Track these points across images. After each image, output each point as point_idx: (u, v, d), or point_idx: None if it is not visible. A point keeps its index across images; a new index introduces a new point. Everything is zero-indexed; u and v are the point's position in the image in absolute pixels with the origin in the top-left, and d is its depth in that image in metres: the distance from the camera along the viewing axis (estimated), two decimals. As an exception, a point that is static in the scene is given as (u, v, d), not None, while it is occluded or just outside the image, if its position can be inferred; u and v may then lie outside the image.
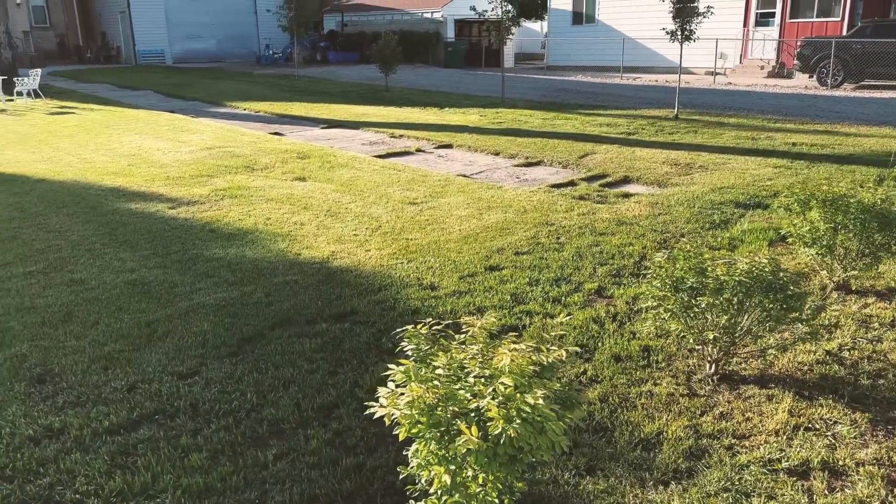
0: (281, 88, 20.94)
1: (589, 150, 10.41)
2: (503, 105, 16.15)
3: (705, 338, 3.59)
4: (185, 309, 4.73)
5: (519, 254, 5.81)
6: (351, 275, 5.42)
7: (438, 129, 12.90)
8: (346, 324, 4.54)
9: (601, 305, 4.78)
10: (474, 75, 26.83)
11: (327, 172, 9.04)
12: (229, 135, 12.17)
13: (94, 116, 14.63)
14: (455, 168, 9.57)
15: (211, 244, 6.14)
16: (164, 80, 23.21)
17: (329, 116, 14.74)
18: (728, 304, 3.45)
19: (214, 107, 16.75)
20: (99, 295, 4.95)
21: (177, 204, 7.43)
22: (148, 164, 9.51)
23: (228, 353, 4.11)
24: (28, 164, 9.50)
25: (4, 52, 20.00)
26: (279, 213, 7.14)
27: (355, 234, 6.42)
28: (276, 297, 4.94)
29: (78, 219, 6.86)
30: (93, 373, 3.86)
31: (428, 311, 4.70)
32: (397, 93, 19.25)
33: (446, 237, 6.29)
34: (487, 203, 7.43)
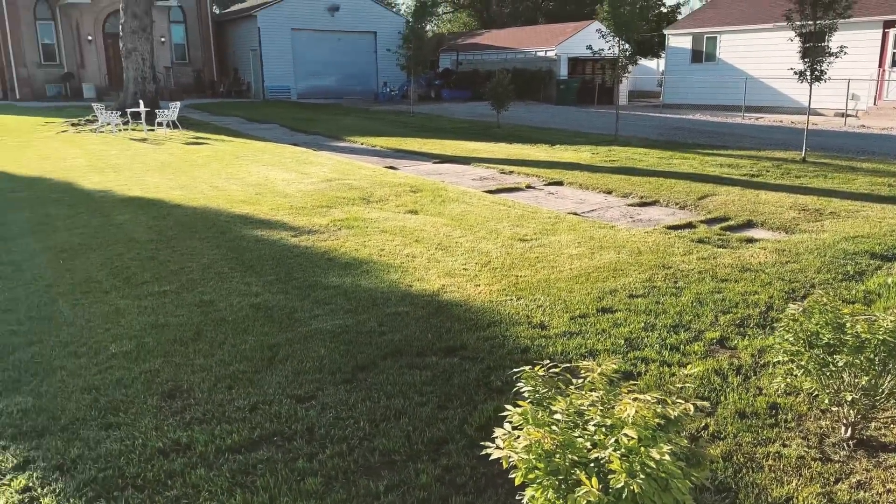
0: (396, 124, 21.64)
1: (708, 191, 10.03)
2: (616, 143, 15.91)
3: (842, 399, 3.32)
4: (303, 334, 4.91)
5: (633, 297, 5.64)
6: (460, 309, 5.45)
7: (549, 165, 12.87)
8: (456, 358, 4.55)
9: (724, 357, 4.54)
10: (586, 112, 26.67)
11: (438, 206, 9.20)
12: (347, 168, 12.67)
13: (226, 147, 15.66)
14: (566, 206, 9.48)
15: (329, 272, 6.37)
16: (289, 114, 24.57)
17: (441, 151, 15.06)
18: (869, 364, 3.18)
19: (334, 140, 17.52)
20: (226, 316, 5.23)
21: (298, 232, 7.78)
22: (273, 193, 10.04)
23: (343, 380, 4.22)
24: (166, 190, 10.27)
25: (149, 86, 21.89)
26: (392, 244, 7.32)
27: (465, 269, 6.46)
28: (389, 328, 5.04)
29: (209, 243, 7.32)
30: (218, 391, 4.06)
31: (538, 350, 4.64)
32: (508, 129, 19.42)
33: (556, 275, 6.21)
34: (599, 242, 7.30)
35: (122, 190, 10.25)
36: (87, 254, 6.87)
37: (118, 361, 4.44)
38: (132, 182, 10.91)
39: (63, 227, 7.94)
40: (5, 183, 10.98)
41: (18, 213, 8.70)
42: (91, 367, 4.38)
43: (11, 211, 8.84)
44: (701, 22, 28.67)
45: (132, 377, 4.22)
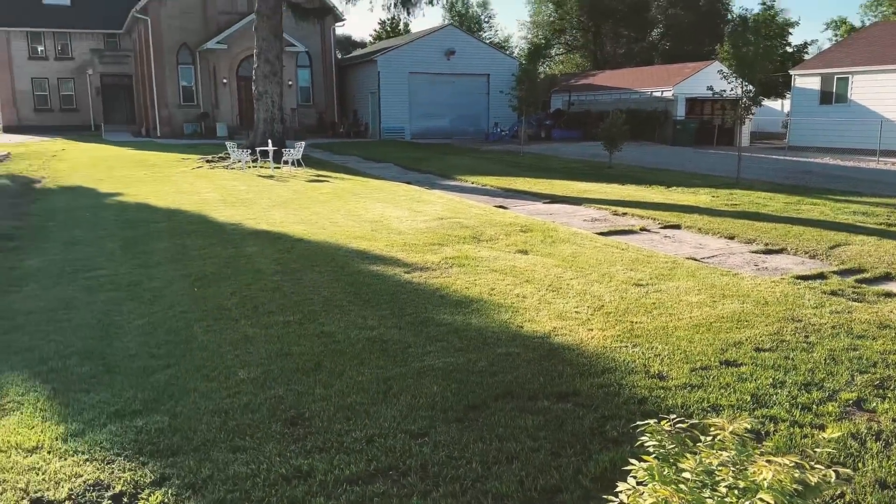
0: (506, 164, 21.84)
1: (841, 240, 9.41)
2: (738, 186, 15.29)
3: None
4: (417, 370, 5.00)
5: (760, 350, 5.35)
6: (572, 353, 5.37)
7: (665, 208, 12.53)
8: (569, 404, 4.47)
9: (861, 420, 4.21)
10: (704, 154, 25.84)
11: (549, 247, 9.15)
12: (458, 206, 12.88)
13: (344, 185, 16.37)
14: (683, 250, 9.17)
15: (440, 309, 6.46)
16: (403, 153, 25.38)
17: (551, 191, 15.02)
18: None
19: (446, 179, 17.90)
20: (344, 348, 5.42)
21: (411, 269, 7.96)
22: (388, 230, 10.36)
23: (455, 419, 4.24)
24: (290, 224, 10.84)
25: (277, 126, 23.30)
26: (502, 284, 7.34)
27: (577, 312, 6.37)
28: (499, 368, 5.03)
29: (328, 276, 7.63)
30: (337, 421, 4.19)
31: (656, 402, 4.48)
32: (621, 170, 19.13)
33: (675, 323, 6.00)
34: (721, 291, 6.99)
35: (250, 223, 10.92)
36: (218, 283, 7.34)
37: (246, 387, 4.69)
38: (259, 216, 11.60)
39: (197, 257, 8.54)
40: (148, 214, 11.97)
41: (159, 243, 9.45)
42: (221, 390, 4.65)
43: (153, 241, 9.61)
44: (830, 62, 27.27)
45: (258, 403, 4.44)
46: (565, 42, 58.15)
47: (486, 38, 61.60)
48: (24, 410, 4.38)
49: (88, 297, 6.87)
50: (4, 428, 4.15)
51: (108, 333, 5.80)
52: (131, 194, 14.54)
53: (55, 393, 4.63)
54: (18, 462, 3.77)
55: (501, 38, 68.36)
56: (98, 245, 9.32)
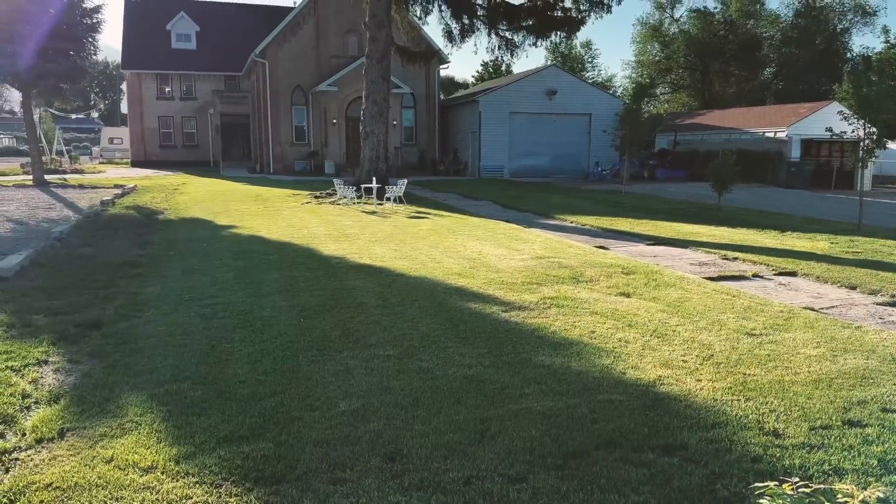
0: (606, 204, 21.48)
1: (982, 294, 8.59)
2: (859, 232, 14.32)
3: None
4: (514, 411, 4.92)
5: (887, 411, 4.92)
6: (679, 404, 5.13)
7: (779, 254, 11.89)
8: (676, 459, 4.25)
9: None
10: (822, 198, 24.45)
11: (653, 291, 8.86)
12: (557, 246, 12.75)
13: (443, 222, 16.60)
14: (800, 299, 8.64)
15: (538, 350, 6.36)
16: (502, 192, 25.51)
17: (654, 233, 14.61)
18: None
19: (544, 218, 17.79)
20: (442, 385, 5.42)
21: (509, 308, 7.91)
22: (486, 268, 10.38)
23: (554, 466, 4.13)
24: (391, 259, 11.08)
25: (381, 165, 24.04)
26: (603, 327, 7.15)
27: (684, 361, 6.10)
28: (601, 416, 4.88)
29: (427, 312, 7.71)
30: (434, 459, 4.18)
31: (771, 461, 4.20)
32: (731, 212, 18.38)
33: (792, 378, 5.63)
34: (843, 344, 6.51)
35: (353, 257, 11.24)
36: (323, 314, 7.57)
37: (347, 419, 4.77)
38: (362, 251, 11.93)
39: (304, 289, 8.85)
40: (260, 246, 12.57)
41: (269, 274, 9.88)
42: (323, 421, 4.75)
43: (263, 272, 10.06)
44: (967, 100, 25.25)
45: (358, 435, 4.50)
46: (671, 81, 57.11)
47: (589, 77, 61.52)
48: (142, 430, 4.63)
49: (203, 323, 7.25)
50: (123, 446, 4.40)
51: (219, 359, 6.07)
52: (245, 227, 15.34)
53: (170, 415, 4.88)
54: (135, 480, 3.98)
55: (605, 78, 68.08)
56: (213, 274, 9.85)
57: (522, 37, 26.69)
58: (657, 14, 56.15)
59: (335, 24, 36.56)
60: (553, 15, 25.97)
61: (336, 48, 36.82)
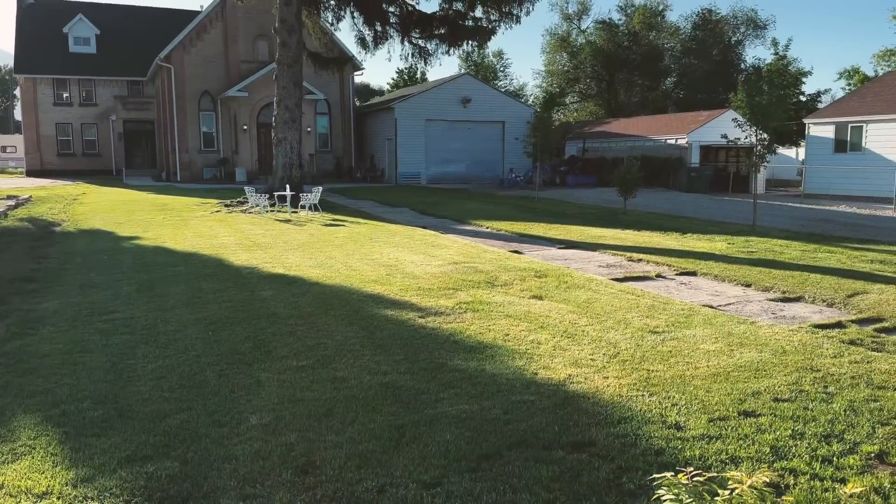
0: (521, 209, 21.93)
1: (859, 288, 9.29)
2: (754, 233, 15.22)
3: None
4: (430, 417, 4.94)
5: (778, 400, 5.25)
6: (588, 402, 5.29)
7: (680, 255, 12.48)
8: (584, 454, 4.39)
9: (884, 474, 4.08)
10: (720, 201, 25.82)
11: (563, 292, 9.11)
12: (473, 251, 12.91)
13: (360, 229, 16.49)
14: (700, 297, 9.10)
15: (454, 355, 6.42)
16: (419, 198, 25.59)
17: (566, 237, 15.03)
18: None
19: (461, 224, 17.98)
20: (357, 394, 5.38)
21: (425, 313, 7.95)
22: (402, 274, 10.38)
23: (468, 468, 4.17)
24: (305, 268, 10.90)
25: (295, 172, 23.64)
26: (517, 329, 7.29)
27: (592, 359, 6.30)
28: (514, 416, 4.97)
29: (342, 321, 7.63)
30: (348, 469, 4.14)
31: (673, 453, 4.39)
32: (636, 216, 19.13)
33: (692, 372, 5.91)
34: (739, 339, 6.90)
35: (266, 267, 11.00)
36: (233, 326, 7.36)
37: (257, 433, 4.66)
38: (275, 260, 11.68)
39: (213, 301, 8.58)
40: (165, 258, 12.09)
41: (175, 287, 9.52)
42: (233, 436, 4.61)
43: (169, 284, 9.68)
44: (844, 111, 27.39)
45: (269, 449, 4.40)
46: (579, 90, 58.93)
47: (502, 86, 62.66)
48: (36, 455, 4.37)
49: (103, 340, 6.91)
50: (15, 472, 4.14)
51: (121, 377, 5.81)
52: (149, 238, 14.73)
53: (67, 437, 4.62)
54: (28, 507, 3.74)
55: (517, 87, 69.47)
56: (114, 288, 9.41)
57: (435, 45, 26.95)
58: (565, 25, 57.88)
59: (245, 28, 35.75)
60: (464, 24, 26.34)
61: (246, 53, 36.01)
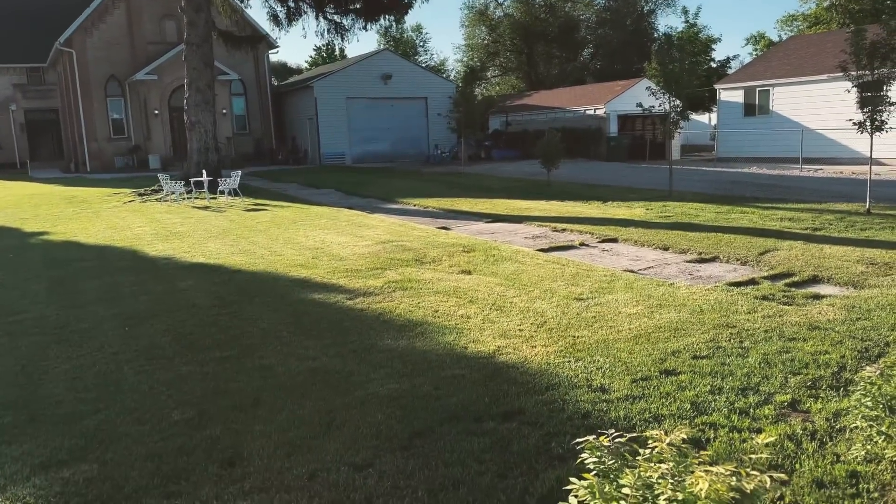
0: (448, 185, 21.93)
1: (770, 246, 9.76)
2: (671, 198, 15.73)
3: (934, 469, 3.09)
4: (360, 398, 4.90)
5: (697, 358, 5.46)
6: (517, 371, 5.37)
7: (602, 223, 12.77)
8: (514, 423, 4.45)
9: (796, 421, 4.32)
10: (638, 169, 26.55)
11: (492, 266, 9.19)
12: (401, 229, 12.84)
13: (284, 213, 16.13)
14: (621, 263, 9.35)
15: (384, 334, 6.38)
16: (344, 179, 25.23)
17: (493, 211, 15.14)
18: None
19: (388, 203, 17.84)
20: (284, 381, 5.28)
21: (354, 295, 7.86)
22: (329, 257, 10.23)
23: (400, 447, 4.16)
24: (227, 255, 10.58)
25: (211, 156, 22.85)
26: (446, 305, 7.31)
27: (520, 330, 6.39)
28: (445, 391, 4.98)
29: (268, 307, 7.46)
30: (277, 458, 4.06)
31: (599, 415, 4.51)
32: (559, 187, 19.46)
33: (615, 336, 6.08)
34: (658, 301, 7.13)
35: (185, 257, 10.61)
36: (151, 320, 7.08)
37: (180, 429, 4.50)
38: (195, 249, 11.29)
39: (129, 295, 8.23)
40: (76, 252, 11.50)
41: (88, 282, 9.07)
42: (154, 434, 4.45)
43: (81, 280, 9.22)
44: (752, 76, 28.53)
45: (193, 444, 4.26)
46: (500, 64, 59.18)
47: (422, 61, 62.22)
48: (-62, 469, 4.09)
49: (11, 342, 6.52)
50: (-85, 490, 3.86)
51: (32, 380, 5.50)
52: (59, 232, 13.97)
53: (-27, 448, 4.35)
54: (-70, 526, 3.51)
55: (437, 62, 69.12)
56: (22, 287, 8.89)
57: (351, 20, 26.45)
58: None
59: (150, 8, 34.05)
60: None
61: (153, 34, 34.34)
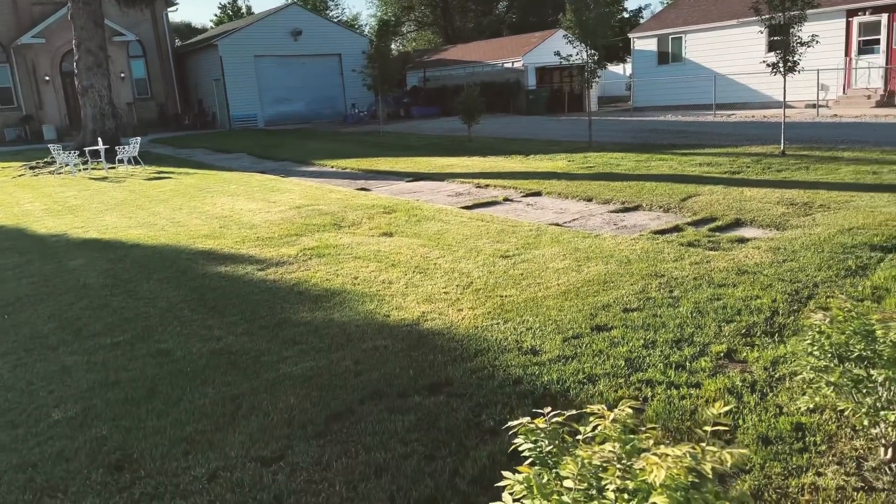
0: (366, 145, 21.24)
1: (691, 191, 9.71)
2: (591, 149, 15.64)
3: (884, 418, 2.91)
4: (271, 381, 4.43)
5: (628, 311, 5.23)
6: (443, 338, 5.00)
7: (525, 176, 12.51)
8: (442, 396, 4.09)
9: (735, 372, 4.14)
10: (558, 121, 26.49)
11: (414, 226, 8.77)
12: (317, 192, 12.21)
13: (190, 180, 15.12)
14: (546, 217, 9.10)
15: (298, 307, 5.89)
16: (257, 142, 24.07)
17: (414, 169, 14.66)
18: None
19: (304, 166, 17.06)
20: (184, 367, 4.73)
21: (265, 265, 7.29)
22: (238, 225, 9.54)
23: (315, 433, 3.74)
24: (124, 229, 9.72)
25: (108, 123, 21.25)
26: (366, 271, 6.87)
27: (446, 293, 6.02)
28: (366, 366, 4.57)
29: (168, 284, 6.80)
30: (173, 458, 3.56)
31: (531, 380, 4.20)
32: (481, 143, 19.10)
33: (544, 293, 5.79)
34: (586, 253, 6.90)
35: (77, 233, 9.68)
36: (34, 306, 6.32)
37: (61, 430, 3.92)
38: (89, 223, 10.34)
39: (11, 278, 7.37)
40: (-46, 233, 10.35)
41: (-36, 266, 8.11)
42: (29, 438, 3.85)
43: (-43, 264, 8.24)
44: (664, 23, 28.73)
45: (75, 448, 3.70)
46: (415, 18, 57.82)
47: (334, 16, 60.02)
48: None
49: None
50: None
51: None
52: (-66, 213, 12.60)
53: None
54: None
55: (350, 17, 66.96)
56: None
57: (255, -27, 24.86)
58: (393, -52, 55.99)
59: (30, -37, 31.17)
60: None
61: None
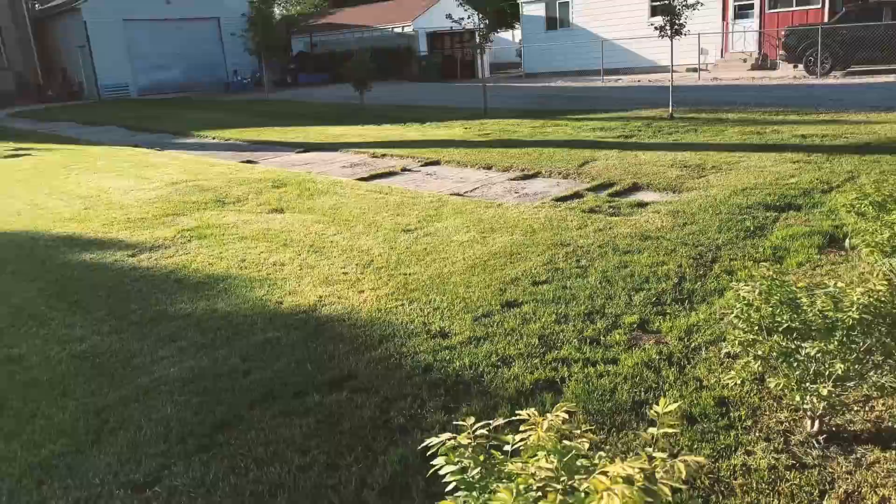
0: (252, 114, 20.09)
1: (588, 156, 9.65)
2: (487, 116, 15.41)
3: (816, 391, 2.77)
4: (144, 387, 3.85)
5: (537, 283, 4.99)
6: (344, 325, 4.57)
7: (423, 145, 12.11)
8: (344, 393, 3.68)
9: (650, 344, 3.97)
10: (451, 88, 26.18)
11: (307, 201, 8.20)
12: (197, 167, 11.30)
13: (52, 157, 13.67)
14: (447, 186, 8.76)
15: (176, 298, 5.26)
16: (130, 113, 22.27)
17: (305, 140, 13.91)
18: (846, 348, 2.64)
19: (182, 138, 15.86)
20: (39, 376, 4.05)
21: (138, 250, 6.54)
22: (106, 206, 8.60)
23: (198, 448, 3.23)
24: (-27, 215, 8.55)
25: (-43, 96, 18.95)
26: (255, 252, 6.28)
27: (345, 273, 5.57)
28: (256, 363, 4.07)
29: (22, 277, 5.94)
30: (23, 492, 2.96)
31: (442, 366, 3.87)
32: (374, 110, 18.48)
33: (450, 269, 5.45)
34: (490, 224, 6.62)
35: (-88, 221, 8.42)
36: None
37: None
38: (-72, 210, 9.03)
39: None
40: None
41: None
42: None
43: None
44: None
45: None
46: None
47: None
48: None
49: None
50: None
51: None
52: None
53: None
54: None
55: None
56: None
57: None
58: None
59: None
60: None
61: None
